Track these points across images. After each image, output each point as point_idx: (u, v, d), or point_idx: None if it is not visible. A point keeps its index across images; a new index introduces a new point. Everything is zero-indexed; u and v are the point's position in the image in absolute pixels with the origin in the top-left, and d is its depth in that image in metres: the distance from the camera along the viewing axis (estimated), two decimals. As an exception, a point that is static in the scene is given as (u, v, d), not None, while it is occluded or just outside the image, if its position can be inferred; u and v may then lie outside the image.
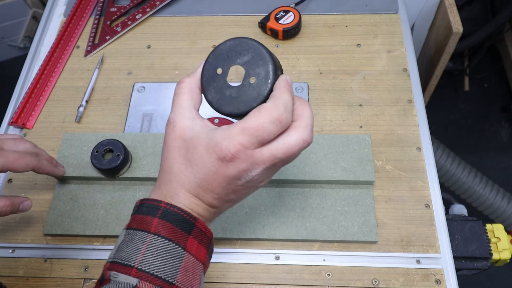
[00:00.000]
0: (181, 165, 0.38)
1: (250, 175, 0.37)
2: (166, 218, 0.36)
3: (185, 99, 0.40)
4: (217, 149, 0.36)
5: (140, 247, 0.35)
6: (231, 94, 0.38)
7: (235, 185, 0.37)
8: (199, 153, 0.37)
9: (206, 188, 0.37)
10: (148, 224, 0.36)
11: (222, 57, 0.39)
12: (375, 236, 0.56)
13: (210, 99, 0.39)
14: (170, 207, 0.36)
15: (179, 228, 0.36)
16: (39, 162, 0.51)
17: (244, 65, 0.38)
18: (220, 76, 0.38)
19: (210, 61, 0.40)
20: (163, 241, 0.35)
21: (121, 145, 0.59)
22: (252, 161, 0.36)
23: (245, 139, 0.35)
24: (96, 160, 0.59)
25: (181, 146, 0.38)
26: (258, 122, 0.35)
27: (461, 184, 1.21)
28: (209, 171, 0.36)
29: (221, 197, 0.38)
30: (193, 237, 0.37)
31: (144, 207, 0.37)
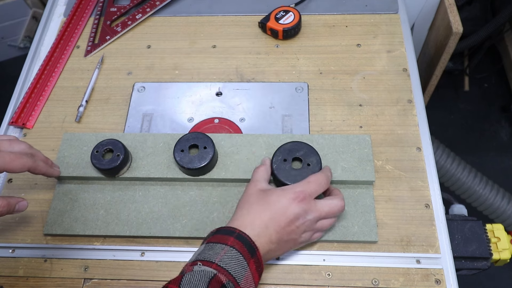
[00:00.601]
0: (259, 204, 0.51)
1: (306, 218, 0.51)
2: (239, 239, 0.47)
3: (263, 173, 0.56)
4: (292, 191, 0.51)
5: (220, 252, 0.46)
6: (295, 174, 0.56)
7: (294, 224, 0.50)
8: (276, 196, 0.51)
9: (275, 220, 0.50)
10: (226, 239, 0.47)
11: (285, 151, 0.58)
12: (375, 236, 0.56)
13: (280, 178, 0.56)
14: (242, 233, 0.48)
15: (247, 250, 0.47)
16: (34, 162, 0.52)
17: (301, 156, 0.57)
18: (285, 163, 0.57)
19: (277, 154, 0.58)
20: (236, 252, 0.46)
21: (121, 145, 0.59)
22: (311, 206, 0.51)
23: (310, 188, 0.52)
24: (96, 160, 0.59)
25: (260, 193, 0.53)
26: (317, 178, 0.53)
27: (461, 184, 1.21)
28: (282, 206, 0.50)
29: (281, 232, 0.50)
30: (254, 261, 0.47)
31: (222, 230, 0.49)
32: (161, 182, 0.61)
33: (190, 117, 0.69)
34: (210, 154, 0.58)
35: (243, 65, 0.74)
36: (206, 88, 0.72)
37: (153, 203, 0.60)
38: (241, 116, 0.69)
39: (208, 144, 0.59)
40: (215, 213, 0.58)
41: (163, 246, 0.58)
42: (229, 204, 0.59)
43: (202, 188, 0.60)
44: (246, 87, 0.72)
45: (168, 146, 0.62)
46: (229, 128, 0.68)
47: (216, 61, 0.75)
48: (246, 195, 0.53)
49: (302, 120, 0.67)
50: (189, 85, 0.73)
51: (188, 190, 0.60)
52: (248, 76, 0.73)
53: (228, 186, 0.60)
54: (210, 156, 0.58)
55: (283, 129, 0.67)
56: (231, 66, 0.74)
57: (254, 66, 0.74)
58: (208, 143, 0.59)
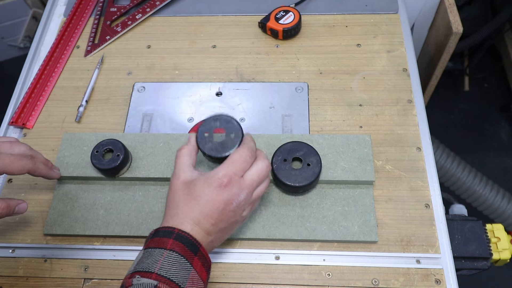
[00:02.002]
0: (186, 200, 0.48)
1: (239, 199, 0.48)
2: (179, 240, 0.45)
3: (184, 159, 0.51)
4: (216, 179, 0.47)
5: (159, 259, 0.43)
6: (295, 174, 0.56)
7: (228, 210, 0.48)
8: (200, 188, 0.48)
9: (206, 215, 0.47)
10: (165, 243, 0.45)
11: (285, 151, 0.58)
12: (375, 236, 0.56)
13: (280, 178, 0.56)
14: (182, 232, 0.46)
15: (188, 249, 0.45)
16: (34, 165, 0.52)
17: (301, 156, 0.57)
18: (285, 163, 0.57)
19: (277, 154, 0.58)
20: (177, 255, 0.44)
21: (121, 145, 0.59)
22: (240, 185, 0.48)
23: (235, 168, 0.48)
24: (96, 160, 0.59)
25: (184, 187, 0.49)
26: (241, 155, 0.49)
27: (461, 184, 1.21)
28: (209, 198, 0.47)
29: (216, 223, 0.48)
30: (198, 258, 0.45)
31: (160, 232, 0.46)
32: (161, 182, 0.61)
33: (190, 117, 0.69)
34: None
35: (243, 65, 0.74)
36: (206, 88, 0.72)
37: (153, 203, 0.60)
38: (241, 116, 0.69)
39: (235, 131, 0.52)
40: (215, 213, 0.58)
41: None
42: (229, 204, 0.59)
43: (202, 188, 0.60)
44: (246, 87, 0.72)
45: (168, 146, 0.62)
46: (229, 128, 0.67)
47: (216, 61, 0.75)
48: (171, 191, 0.50)
49: (302, 120, 0.67)
50: (189, 85, 0.73)
51: (188, 190, 0.60)
52: (248, 76, 0.73)
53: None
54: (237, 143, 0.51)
55: (283, 129, 0.67)
56: (231, 66, 0.74)
57: (254, 66, 0.74)
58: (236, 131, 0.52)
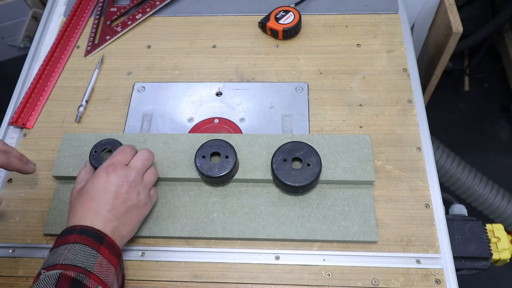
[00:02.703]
0: (81, 200, 0.51)
1: (129, 179, 0.52)
2: (82, 233, 0.47)
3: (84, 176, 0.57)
4: (101, 169, 0.52)
5: (63, 252, 0.45)
6: (295, 174, 0.56)
7: (122, 192, 0.51)
8: (90, 183, 0.52)
9: (101, 202, 0.50)
10: (68, 239, 0.47)
11: (285, 151, 0.58)
12: (375, 236, 0.56)
13: (280, 178, 0.56)
14: (84, 227, 0.48)
15: (92, 239, 0.47)
16: (7, 159, 0.53)
17: (301, 156, 0.57)
18: (285, 163, 0.57)
19: (277, 154, 0.58)
20: (81, 246, 0.46)
21: (120, 145, 0.59)
22: (124, 170, 0.52)
23: (116, 159, 0.54)
24: (95, 160, 0.59)
25: (78, 193, 0.53)
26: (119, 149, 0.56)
27: (461, 184, 1.21)
28: (100, 187, 0.51)
29: (114, 208, 0.50)
30: (105, 247, 0.47)
31: (64, 232, 0.48)
32: (161, 182, 0.61)
33: (190, 117, 0.69)
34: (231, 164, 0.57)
35: (243, 65, 0.74)
36: (206, 88, 0.72)
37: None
38: (241, 116, 0.69)
39: (230, 153, 0.58)
40: (215, 213, 0.58)
41: (163, 246, 0.58)
42: (229, 204, 0.59)
43: (202, 188, 0.60)
44: (246, 87, 0.72)
45: (168, 146, 0.62)
46: (229, 128, 0.68)
47: (216, 61, 0.75)
48: (70, 204, 0.54)
49: (302, 120, 0.67)
50: (189, 85, 0.73)
51: (188, 190, 0.60)
52: (248, 76, 0.73)
53: (228, 186, 0.60)
54: (231, 166, 0.57)
55: (283, 129, 0.67)
56: (231, 66, 0.74)
57: (254, 66, 0.74)
58: (230, 153, 0.58)
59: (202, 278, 0.55)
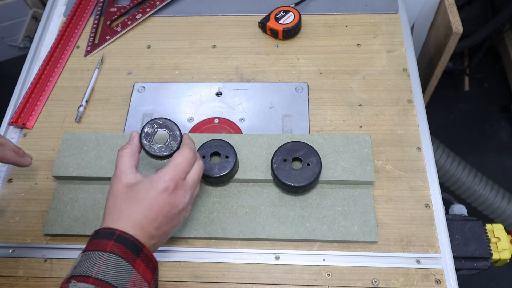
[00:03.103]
0: (129, 204, 0.47)
1: (185, 201, 0.49)
2: (120, 241, 0.44)
3: (127, 160, 0.50)
4: (161, 182, 0.47)
5: (98, 262, 0.42)
6: (295, 174, 0.56)
7: (173, 213, 0.48)
8: (145, 191, 0.47)
9: (150, 218, 0.46)
10: (104, 245, 0.43)
11: (285, 151, 0.58)
12: (375, 236, 0.56)
13: (280, 178, 0.56)
14: (123, 233, 0.44)
15: (129, 250, 0.44)
16: (2, 152, 0.53)
17: (301, 156, 0.57)
18: (285, 163, 0.57)
19: (277, 154, 0.58)
20: (117, 258, 0.42)
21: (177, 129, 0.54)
22: (184, 188, 0.49)
23: (179, 171, 0.49)
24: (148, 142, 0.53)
25: (127, 191, 0.48)
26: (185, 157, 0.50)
27: (461, 184, 1.21)
28: (155, 201, 0.47)
29: (160, 226, 0.47)
30: (141, 260, 0.44)
31: (100, 233, 0.45)
32: (161, 182, 0.61)
33: (190, 117, 0.69)
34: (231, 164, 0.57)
35: (243, 65, 0.74)
36: (206, 88, 0.72)
37: (153, 203, 0.60)
38: (241, 116, 0.69)
39: (230, 153, 0.58)
40: (215, 213, 0.58)
41: (163, 246, 0.58)
42: (229, 204, 0.59)
43: (202, 188, 0.60)
44: (246, 87, 0.72)
45: (168, 146, 0.62)
46: (229, 128, 0.68)
47: (216, 61, 0.75)
48: (112, 195, 0.48)
49: (302, 120, 0.67)
50: (189, 85, 0.73)
51: (188, 190, 0.60)
52: (248, 76, 0.73)
53: (228, 186, 0.60)
54: (231, 166, 0.57)
55: (283, 129, 0.67)
56: (231, 66, 0.74)
57: (254, 66, 0.74)
58: (230, 153, 0.58)
59: (202, 278, 0.55)
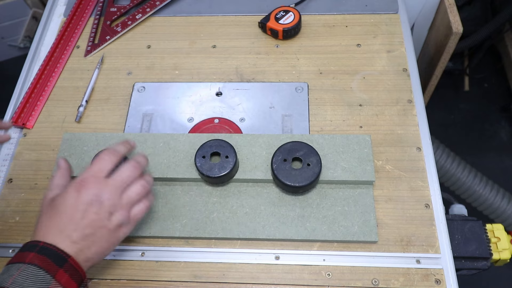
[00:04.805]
0: (48, 213, 0.48)
1: (101, 198, 0.47)
2: (42, 252, 0.44)
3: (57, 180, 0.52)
4: (72, 184, 0.48)
5: (13, 273, 0.42)
6: (295, 174, 0.56)
7: (91, 212, 0.47)
8: (61, 197, 0.48)
9: (68, 220, 0.46)
10: (25, 257, 0.44)
11: (285, 151, 0.58)
12: (375, 236, 0.56)
13: (280, 178, 0.56)
14: (47, 245, 0.45)
15: (51, 260, 0.43)
16: None
17: (301, 156, 0.57)
18: (285, 163, 0.57)
19: (277, 154, 0.58)
20: (34, 268, 0.42)
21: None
22: (100, 184, 0.48)
23: (92, 170, 0.49)
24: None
25: (49, 203, 0.49)
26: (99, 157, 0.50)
27: (461, 184, 1.21)
28: (69, 203, 0.47)
29: (80, 229, 0.46)
30: (64, 270, 0.44)
31: (26, 246, 0.45)
32: (161, 182, 0.61)
33: (190, 117, 0.69)
34: (231, 164, 0.57)
35: (243, 65, 0.74)
36: (206, 88, 0.72)
37: (153, 203, 0.60)
38: (241, 116, 0.69)
39: (230, 153, 0.58)
40: (215, 213, 0.58)
41: (163, 246, 0.58)
42: (229, 204, 0.59)
43: (202, 188, 0.60)
44: (246, 87, 0.72)
45: (168, 146, 0.62)
46: (229, 128, 0.68)
47: (216, 61, 0.75)
48: (41, 208, 0.50)
49: (302, 120, 0.67)
50: (189, 85, 0.73)
51: (188, 190, 0.60)
52: (248, 76, 0.73)
53: (228, 186, 0.60)
54: (231, 166, 0.57)
55: (283, 129, 0.67)
56: (231, 66, 0.74)
57: (254, 66, 0.74)
58: (230, 153, 0.58)
59: (202, 278, 0.55)
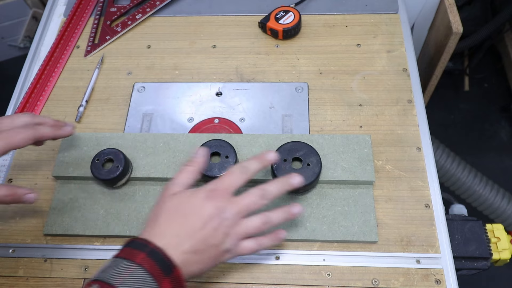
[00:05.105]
0: (169, 213, 0.46)
1: (224, 215, 0.45)
2: (151, 256, 0.42)
3: (185, 176, 0.49)
4: (203, 190, 0.46)
5: (124, 272, 0.40)
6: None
7: (210, 227, 0.45)
8: (186, 198, 0.46)
9: (185, 226, 0.44)
10: (135, 256, 0.42)
11: (285, 151, 0.57)
12: (375, 236, 0.56)
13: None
14: (156, 248, 0.42)
15: (158, 267, 0.41)
16: (37, 132, 0.51)
17: (301, 156, 0.57)
18: (285, 163, 0.57)
19: (277, 154, 0.54)
20: (144, 272, 0.40)
21: (122, 156, 0.58)
22: (226, 202, 0.46)
23: (223, 183, 0.47)
24: (95, 169, 0.58)
25: (171, 199, 0.47)
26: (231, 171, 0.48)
27: (461, 184, 1.21)
28: (193, 208, 0.45)
29: (195, 240, 0.44)
30: (169, 280, 0.41)
31: (134, 243, 0.43)
32: (161, 182, 0.61)
33: (190, 117, 0.69)
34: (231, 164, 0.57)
35: (243, 65, 0.74)
36: (206, 88, 0.72)
37: (153, 203, 0.60)
38: (241, 116, 0.69)
39: (230, 153, 0.58)
40: (215, 213, 0.58)
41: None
42: (229, 204, 0.59)
43: (202, 188, 0.60)
44: (246, 87, 0.72)
45: (168, 146, 0.62)
46: (229, 128, 0.68)
47: (216, 61, 0.75)
48: (157, 204, 0.48)
49: (302, 120, 0.67)
50: (189, 85, 0.73)
51: (188, 190, 0.60)
52: (248, 76, 0.73)
53: (228, 186, 0.60)
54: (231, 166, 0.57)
55: (283, 129, 0.67)
56: (231, 66, 0.74)
57: (254, 66, 0.74)
58: (230, 153, 0.58)
59: (202, 278, 0.55)
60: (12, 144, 0.49)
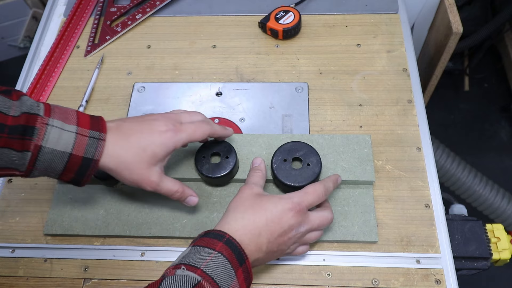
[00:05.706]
0: (254, 210, 0.48)
1: (300, 230, 0.50)
2: (228, 245, 0.44)
3: (259, 178, 0.54)
4: (290, 201, 0.49)
5: (206, 257, 0.43)
6: (295, 174, 0.56)
7: (286, 237, 0.49)
8: (272, 203, 0.49)
9: (268, 228, 0.47)
10: (215, 244, 0.44)
11: (285, 151, 0.58)
12: (375, 236, 0.56)
13: (280, 178, 0.56)
14: (232, 239, 0.45)
15: (235, 257, 0.44)
16: (212, 128, 0.54)
17: (301, 156, 0.57)
18: (285, 163, 0.57)
19: (277, 154, 0.57)
20: (224, 259, 0.43)
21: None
22: (304, 218, 0.50)
23: (307, 200, 0.50)
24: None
25: (255, 197, 0.50)
26: (315, 189, 0.51)
27: (461, 184, 1.21)
28: (278, 215, 0.48)
29: (271, 243, 0.48)
30: (242, 270, 0.44)
31: (211, 233, 0.46)
32: (161, 182, 0.61)
33: (190, 117, 0.69)
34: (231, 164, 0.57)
35: (243, 65, 0.74)
36: (206, 88, 0.72)
37: (153, 203, 0.60)
38: (241, 116, 0.69)
39: (230, 153, 0.58)
40: (215, 213, 0.58)
41: (163, 246, 0.58)
42: (229, 204, 0.59)
43: (202, 188, 0.60)
44: (246, 87, 0.72)
45: (168, 146, 0.62)
46: (229, 128, 0.68)
47: (216, 61, 0.75)
48: (240, 198, 0.51)
49: (302, 120, 0.67)
50: (189, 85, 0.73)
51: (188, 190, 0.60)
52: (248, 76, 0.73)
53: (228, 186, 0.60)
54: (231, 166, 0.57)
55: (283, 129, 0.67)
56: (231, 66, 0.74)
57: (254, 66, 0.74)
58: (230, 153, 0.58)
59: (202, 278, 0.55)
60: (194, 137, 0.51)
